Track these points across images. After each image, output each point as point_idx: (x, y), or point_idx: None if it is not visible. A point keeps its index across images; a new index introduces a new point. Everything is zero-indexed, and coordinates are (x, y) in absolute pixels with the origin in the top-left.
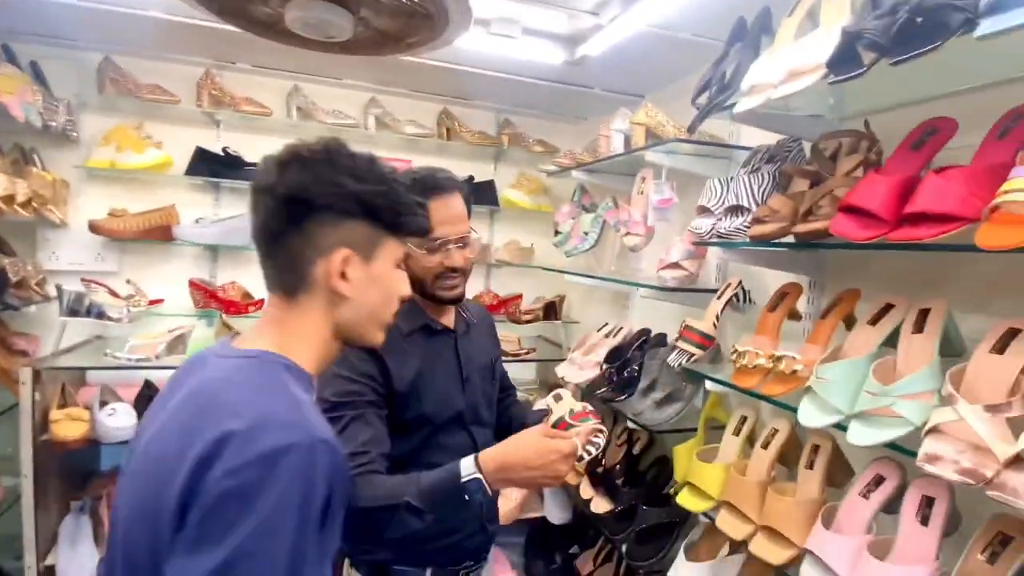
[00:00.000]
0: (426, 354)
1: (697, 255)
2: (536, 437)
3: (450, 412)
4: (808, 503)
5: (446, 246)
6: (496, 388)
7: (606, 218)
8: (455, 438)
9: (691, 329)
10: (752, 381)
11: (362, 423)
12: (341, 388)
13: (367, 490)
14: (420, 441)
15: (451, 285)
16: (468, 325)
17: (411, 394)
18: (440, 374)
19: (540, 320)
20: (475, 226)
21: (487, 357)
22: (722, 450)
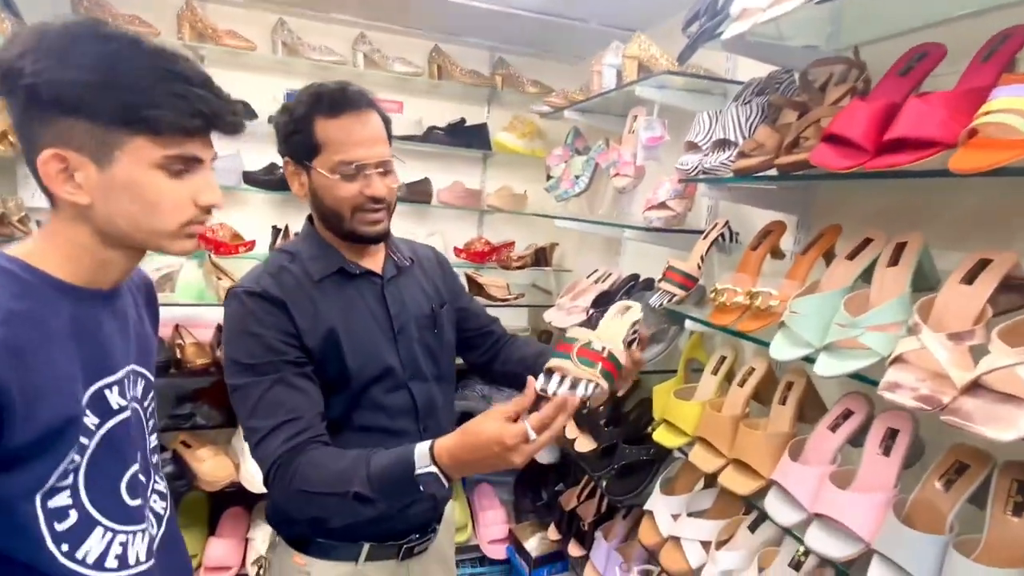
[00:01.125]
0: (343, 303)
1: (685, 195)
2: (495, 427)
3: (379, 368)
4: (777, 436)
5: (364, 172)
6: (443, 337)
7: (598, 161)
8: (391, 397)
9: (674, 270)
10: (729, 319)
11: (285, 387)
12: (252, 348)
13: (309, 471)
14: (348, 401)
15: (373, 219)
16: (399, 268)
17: (327, 350)
18: (362, 325)
19: (530, 266)
20: (467, 172)
21: (430, 303)
22: (700, 389)
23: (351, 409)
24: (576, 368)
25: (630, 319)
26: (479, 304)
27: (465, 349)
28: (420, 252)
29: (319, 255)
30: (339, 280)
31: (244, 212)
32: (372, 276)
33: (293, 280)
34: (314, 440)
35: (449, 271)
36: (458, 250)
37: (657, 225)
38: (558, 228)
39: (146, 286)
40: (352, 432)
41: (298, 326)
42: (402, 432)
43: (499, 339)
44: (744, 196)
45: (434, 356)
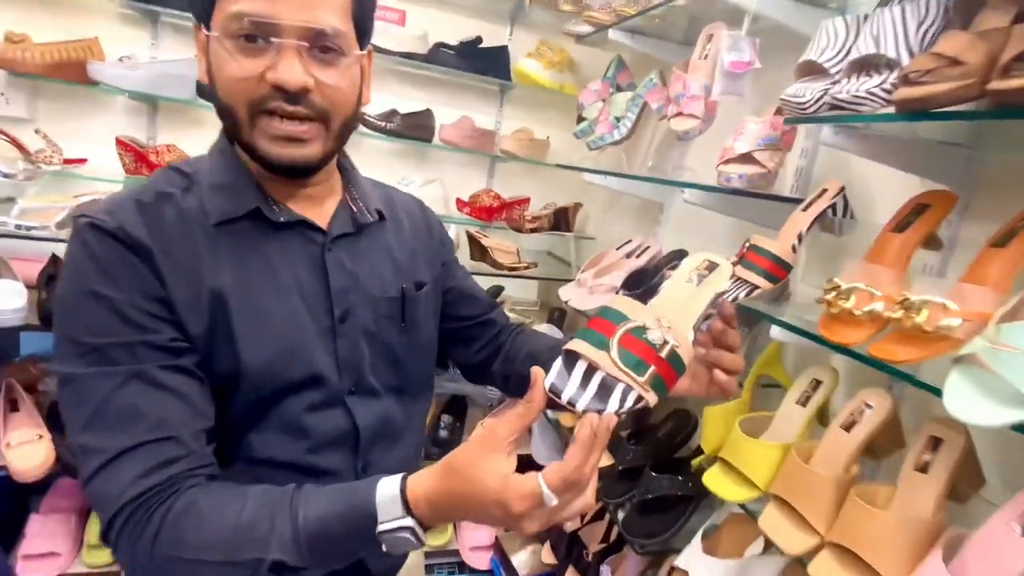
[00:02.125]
0: (251, 264)
1: (781, 145)
2: (495, 479)
3: (298, 372)
4: (915, 524)
5: (270, 37)
6: (416, 333)
7: (647, 99)
8: (314, 417)
9: (759, 251)
10: (856, 335)
11: (146, 386)
12: (95, 318)
13: (187, 527)
14: (243, 418)
15: (281, 132)
16: (358, 224)
17: (214, 332)
18: (277, 302)
19: (547, 230)
20: (479, 106)
21: (399, 281)
22: (778, 423)
23: (246, 430)
24: (612, 365)
25: (712, 289)
26: (477, 284)
27: (455, 344)
28: (399, 204)
29: (227, 184)
30: (251, 229)
31: (198, 133)
32: (309, 230)
33: (175, 217)
34: (194, 473)
35: (440, 236)
36: (461, 202)
37: (737, 185)
38: (586, 184)
39: None
40: (245, 466)
41: (170, 291)
42: (327, 472)
43: (501, 331)
44: (884, 149)
45: (395, 360)
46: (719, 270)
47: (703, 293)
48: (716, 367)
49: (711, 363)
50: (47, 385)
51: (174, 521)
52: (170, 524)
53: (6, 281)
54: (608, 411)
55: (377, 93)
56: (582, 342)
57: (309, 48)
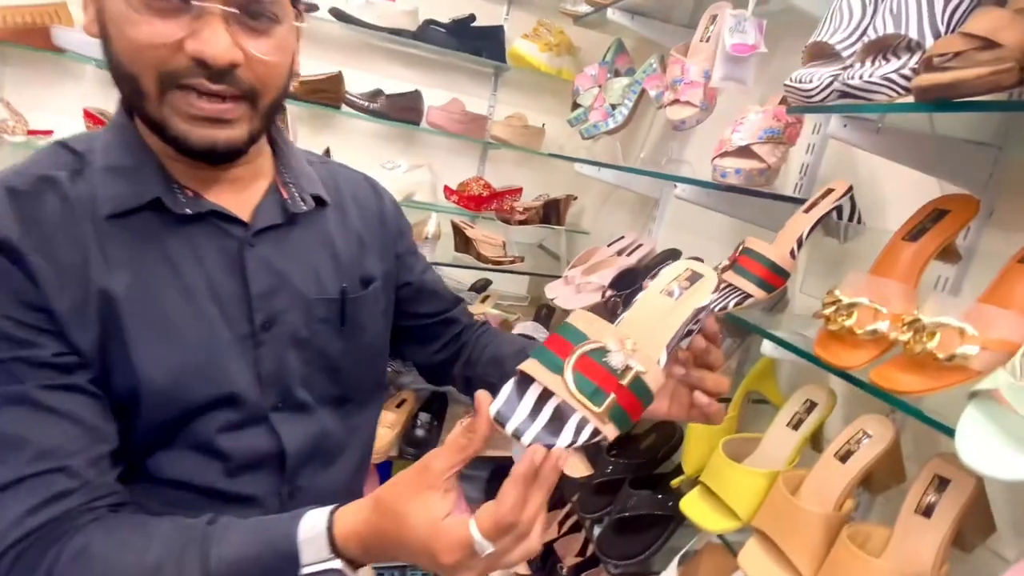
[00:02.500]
0: (150, 263)
1: (785, 139)
2: (423, 523)
3: (209, 392)
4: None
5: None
6: (360, 338)
7: (645, 86)
8: (232, 439)
9: (753, 256)
10: (857, 357)
11: (28, 410)
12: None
13: (82, 573)
14: (149, 439)
15: (203, 112)
16: (289, 214)
17: (107, 346)
18: (184, 309)
19: (537, 223)
20: (471, 88)
21: (340, 279)
22: (766, 446)
23: (154, 450)
24: (566, 391)
25: (691, 304)
26: (439, 278)
27: (411, 342)
28: (346, 186)
29: (123, 167)
30: (153, 222)
31: None
32: (225, 223)
33: (58, 208)
34: (92, 507)
35: (396, 224)
36: (449, 190)
37: (732, 181)
38: (577, 176)
39: None
40: (155, 488)
41: (50, 297)
42: (248, 498)
43: (464, 330)
44: (898, 146)
45: (333, 369)
46: (702, 282)
47: (681, 308)
48: (697, 389)
49: (691, 384)
50: None
51: (66, 567)
52: (61, 571)
53: None
54: (559, 444)
55: (362, 72)
56: (536, 363)
57: (238, 14)
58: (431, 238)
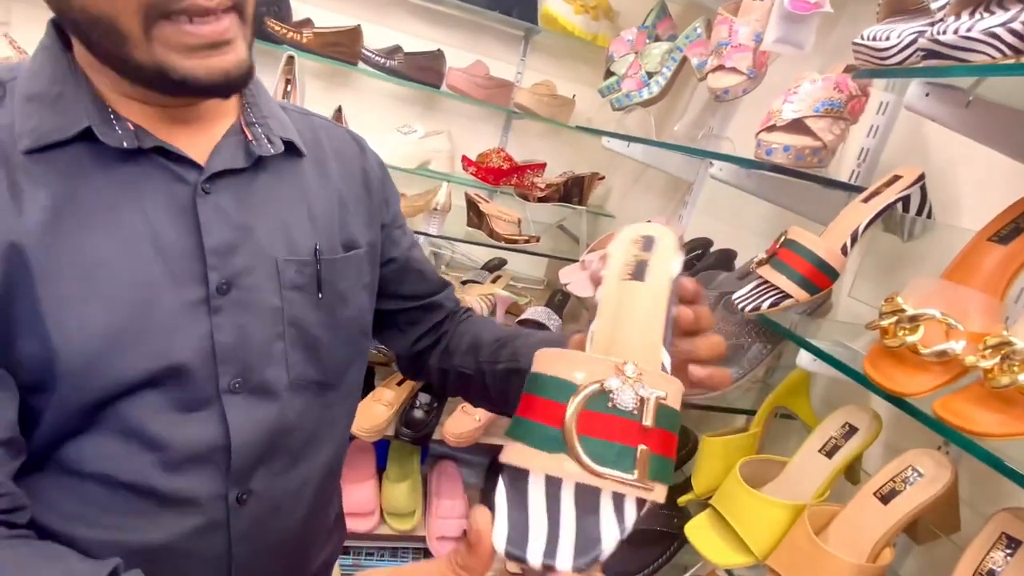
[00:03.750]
0: (77, 209)
1: (847, 112)
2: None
3: (146, 364)
4: None
5: None
6: (340, 310)
7: (687, 54)
8: (170, 424)
9: (797, 248)
10: (920, 382)
11: None
12: None
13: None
14: (64, 422)
15: (199, 40)
16: (255, 157)
17: (11, 307)
18: (119, 263)
19: (558, 201)
20: (497, 51)
21: (314, 237)
22: (792, 472)
23: (71, 435)
24: (584, 472)
25: (666, 275)
26: (425, 257)
27: (390, 327)
28: (327, 140)
29: (47, 94)
30: (84, 159)
31: None
32: (175, 163)
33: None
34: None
35: (382, 190)
36: (468, 161)
37: (779, 160)
38: (607, 153)
39: None
40: (71, 482)
41: None
42: (189, 502)
43: (448, 317)
44: (992, 125)
45: (311, 349)
46: (660, 242)
47: (657, 287)
48: (690, 361)
49: (683, 358)
50: None
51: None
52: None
53: None
54: (605, 551)
55: (382, 27)
56: (524, 448)
57: None
58: (440, 209)
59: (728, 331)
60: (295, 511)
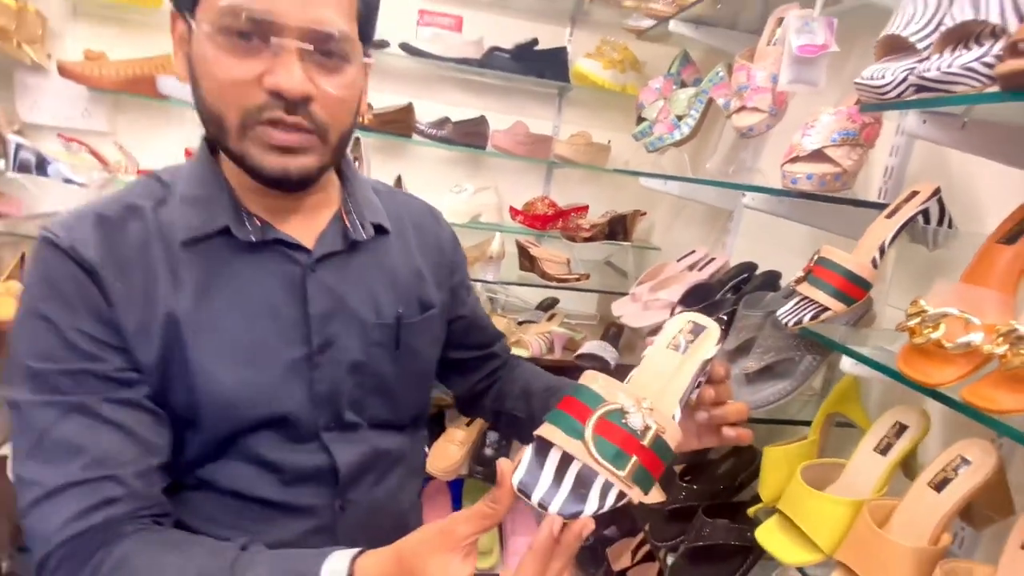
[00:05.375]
0: (216, 289)
1: (862, 140)
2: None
3: (262, 412)
4: None
5: (268, 36)
6: (412, 362)
7: (712, 95)
8: (290, 454)
9: (829, 265)
10: (947, 373)
11: (89, 420)
12: (41, 341)
13: None
14: (211, 451)
15: (278, 141)
16: (351, 242)
17: (169, 363)
18: (245, 332)
19: (603, 239)
20: (535, 110)
21: (396, 304)
22: (851, 473)
23: (211, 460)
24: (589, 456)
25: (698, 358)
26: (485, 312)
27: (454, 374)
28: (408, 215)
29: (199, 197)
30: (223, 248)
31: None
32: (290, 249)
33: (138, 234)
34: (137, 515)
35: (452, 256)
36: (515, 211)
37: (804, 188)
38: (646, 191)
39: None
40: (209, 501)
41: (119, 315)
42: (304, 510)
43: (502, 365)
44: (989, 141)
45: (386, 392)
46: (706, 333)
47: (689, 362)
48: (722, 425)
49: (715, 423)
50: None
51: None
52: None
53: None
54: (585, 513)
55: (431, 101)
56: (554, 428)
57: (312, 52)
58: (494, 257)
59: (779, 346)
60: (384, 515)
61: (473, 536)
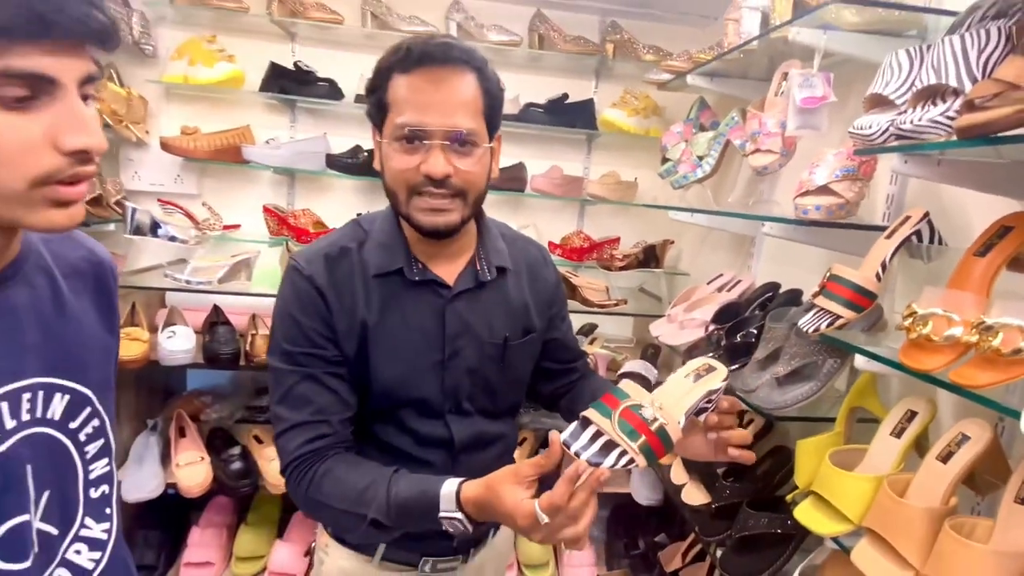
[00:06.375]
0: (392, 309)
1: (860, 175)
2: (510, 498)
3: (409, 395)
4: (1016, 559)
5: (423, 139)
6: (511, 373)
7: (729, 137)
8: (423, 424)
9: (839, 280)
10: (935, 361)
11: (316, 384)
12: (291, 333)
13: (326, 483)
14: (373, 416)
15: (430, 206)
16: (481, 282)
17: (359, 356)
18: (404, 341)
19: (637, 267)
20: (567, 155)
21: (506, 330)
22: (872, 455)
23: (375, 423)
24: (614, 431)
25: (705, 387)
26: (573, 334)
27: (541, 379)
28: (524, 256)
29: (385, 244)
30: (397, 281)
31: (327, 198)
32: (438, 287)
33: (348, 268)
34: (337, 445)
35: (553, 290)
36: (552, 245)
37: (814, 217)
38: (673, 222)
39: (94, 270)
40: (372, 448)
41: (336, 322)
42: (429, 463)
43: (580, 377)
44: (961, 174)
45: (491, 391)
46: (715, 373)
47: (696, 390)
48: (728, 445)
49: (723, 443)
50: (208, 415)
51: (319, 478)
52: (317, 480)
53: (180, 327)
54: (604, 465)
55: None
56: (594, 411)
57: (450, 144)
58: None
59: (803, 352)
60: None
61: (533, 475)
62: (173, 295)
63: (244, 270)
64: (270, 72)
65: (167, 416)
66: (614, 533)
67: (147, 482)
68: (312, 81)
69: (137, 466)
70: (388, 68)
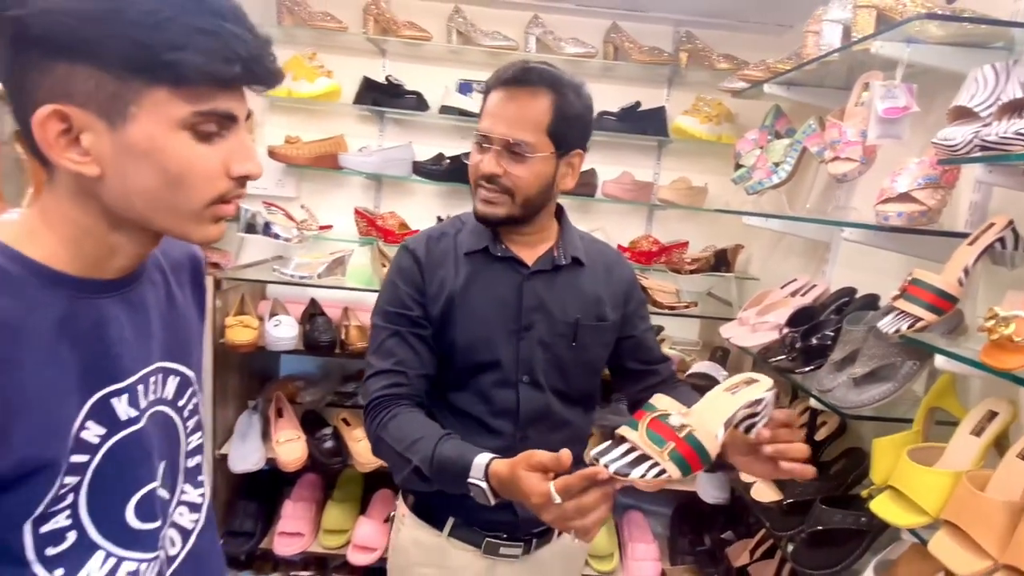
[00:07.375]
0: (476, 281)
1: (942, 183)
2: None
3: (486, 356)
4: None
5: (486, 144)
6: (583, 355)
7: (806, 145)
8: (496, 391)
9: (920, 284)
10: (1019, 360)
11: (401, 341)
12: (390, 296)
13: (391, 424)
14: (454, 378)
15: (483, 197)
16: (557, 266)
17: (444, 319)
18: (484, 306)
19: (707, 271)
20: (638, 161)
21: (578, 314)
22: (951, 453)
23: (452, 389)
24: (644, 442)
25: (744, 398)
26: (654, 339)
27: (624, 380)
28: (601, 257)
29: (477, 230)
30: (483, 258)
31: (412, 202)
32: (516, 264)
33: (445, 247)
34: (409, 397)
35: (626, 290)
36: (622, 248)
37: (896, 223)
38: (746, 227)
39: (191, 264)
40: (446, 413)
41: (427, 290)
42: (497, 432)
43: (662, 382)
44: None
45: (562, 369)
46: (756, 384)
47: (737, 399)
48: (781, 459)
49: (775, 456)
50: (301, 398)
51: (387, 420)
52: (385, 421)
53: (284, 317)
54: (632, 476)
55: None
56: (626, 427)
57: (503, 149)
58: None
59: (880, 354)
60: None
61: (544, 465)
62: (273, 288)
63: (340, 267)
64: (363, 86)
65: (266, 398)
66: (678, 530)
67: (250, 455)
68: (401, 94)
69: (241, 441)
70: (489, 86)
